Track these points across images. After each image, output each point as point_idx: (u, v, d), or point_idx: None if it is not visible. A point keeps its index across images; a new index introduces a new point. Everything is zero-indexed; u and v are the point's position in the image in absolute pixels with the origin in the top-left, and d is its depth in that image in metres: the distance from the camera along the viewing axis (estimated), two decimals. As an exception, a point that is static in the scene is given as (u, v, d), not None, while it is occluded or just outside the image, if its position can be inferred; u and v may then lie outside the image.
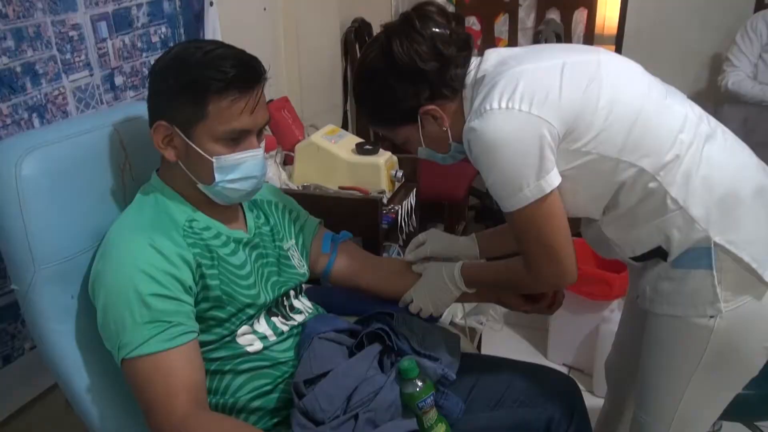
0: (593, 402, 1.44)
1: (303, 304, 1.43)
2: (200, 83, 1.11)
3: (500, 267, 1.36)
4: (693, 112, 1.23)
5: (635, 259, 1.29)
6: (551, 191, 1.15)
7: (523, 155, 1.13)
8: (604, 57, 1.23)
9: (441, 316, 1.50)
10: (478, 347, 2.30)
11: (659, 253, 1.23)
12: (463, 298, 1.46)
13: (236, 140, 1.16)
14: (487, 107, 1.15)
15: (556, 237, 1.19)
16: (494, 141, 1.13)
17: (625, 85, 1.20)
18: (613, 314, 2.35)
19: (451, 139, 1.30)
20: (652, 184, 1.17)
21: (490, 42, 4.02)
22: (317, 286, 1.63)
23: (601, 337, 2.35)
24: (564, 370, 2.54)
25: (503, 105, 1.13)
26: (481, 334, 2.31)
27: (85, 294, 1.18)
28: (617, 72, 1.22)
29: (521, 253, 1.26)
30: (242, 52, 1.16)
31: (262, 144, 1.23)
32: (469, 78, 1.25)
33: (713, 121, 1.26)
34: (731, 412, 1.35)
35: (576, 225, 1.30)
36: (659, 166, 1.16)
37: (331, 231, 1.56)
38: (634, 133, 1.16)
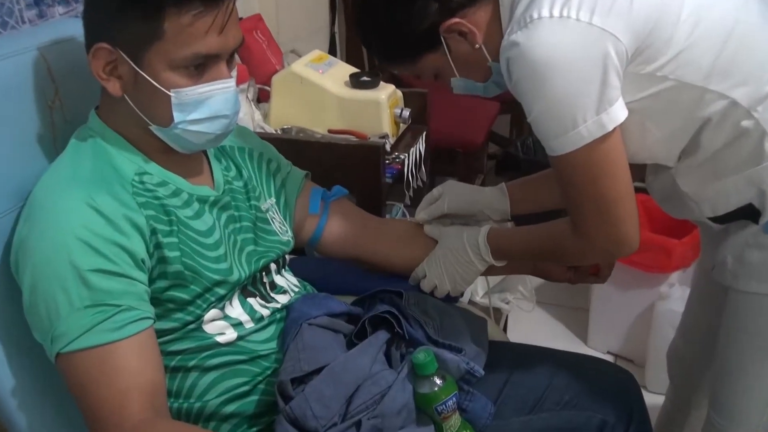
0: (647, 400, 1.44)
1: (287, 280, 1.42)
2: None
3: (538, 231, 1.36)
4: None
5: (716, 219, 1.27)
6: (614, 129, 1.12)
7: (580, 80, 1.10)
8: None
9: (461, 295, 1.49)
10: (504, 332, 2.29)
11: (749, 213, 1.22)
12: (488, 272, 1.45)
13: (201, 68, 1.13)
14: (535, 15, 1.11)
15: (616, 189, 1.17)
16: (543, 60, 1.09)
17: None
18: (672, 290, 2.36)
19: (490, 59, 1.27)
20: (745, 122, 1.15)
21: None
22: (304, 258, 1.64)
23: (656, 319, 2.37)
24: (609, 359, 2.55)
25: (555, 13, 1.09)
26: (507, 317, 2.30)
27: (7, 268, 1.15)
28: None
29: (568, 210, 1.24)
30: None
31: (234, 73, 1.20)
32: None
33: None
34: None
35: (638, 174, 1.28)
36: (757, 99, 1.14)
37: (321, 186, 1.54)
38: (726, 54, 1.13)
